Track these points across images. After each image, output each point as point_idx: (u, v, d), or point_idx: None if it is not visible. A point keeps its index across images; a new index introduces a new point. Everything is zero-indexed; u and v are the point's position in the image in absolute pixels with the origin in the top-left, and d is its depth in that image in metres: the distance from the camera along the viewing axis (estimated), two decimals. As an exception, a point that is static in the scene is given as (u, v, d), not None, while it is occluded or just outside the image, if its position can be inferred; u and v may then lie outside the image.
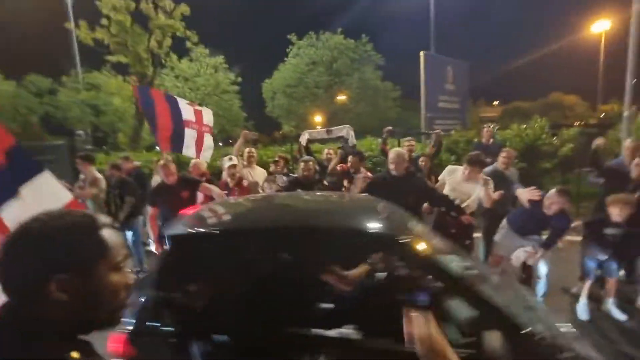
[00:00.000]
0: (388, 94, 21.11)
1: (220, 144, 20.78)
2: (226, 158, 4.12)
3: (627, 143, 4.13)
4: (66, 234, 0.69)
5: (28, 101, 16.31)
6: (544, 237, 3.27)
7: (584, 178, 6.82)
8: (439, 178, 3.81)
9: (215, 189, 3.60)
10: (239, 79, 17.73)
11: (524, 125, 8.07)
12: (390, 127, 5.37)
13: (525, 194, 3.17)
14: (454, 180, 3.61)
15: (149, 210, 3.84)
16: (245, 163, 4.42)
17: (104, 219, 0.76)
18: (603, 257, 3.16)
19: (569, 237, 3.79)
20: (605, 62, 20.21)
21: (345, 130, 5.12)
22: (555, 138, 7.64)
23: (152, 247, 3.90)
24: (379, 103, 20.81)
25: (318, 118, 22.01)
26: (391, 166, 3.25)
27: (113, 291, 0.74)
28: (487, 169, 4.06)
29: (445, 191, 3.57)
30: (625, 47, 6.89)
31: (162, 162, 3.77)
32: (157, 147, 18.98)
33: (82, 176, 4.76)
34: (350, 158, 4.23)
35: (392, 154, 3.31)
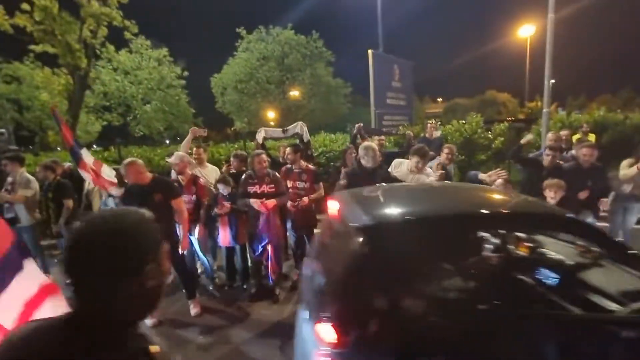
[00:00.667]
0: (339, 91, 21.52)
1: (168, 142, 19.69)
2: (174, 156, 3.96)
3: (550, 136, 4.71)
4: (144, 228, 0.75)
5: None
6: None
7: (513, 167, 7.63)
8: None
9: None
10: (186, 73, 16.86)
11: (463, 121, 8.79)
12: (360, 124, 5.63)
13: (492, 176, 3.46)
14: (401, 172, 3.82)
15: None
16: (194, 162, 4.30)
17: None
18: None
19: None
20: (531, 63, 22.45)
21: (299, 127, 5.18)
22: (489, 132, 8.44)
23: None
24: (331, 99, 21.14)
25: (271, 114, 21.77)
26: (364, 159, 3.41)
27: (167, 276, 0.81)
28: (432, 162, 4.38)
29: None
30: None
31: (129, 160, 3.37)
32: (95, 146, 17.29)
33: (9, 179, 4.28)
34: (286, 150, 4.28)
35: (364, 147, 3.47)
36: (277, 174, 3.80)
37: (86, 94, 13.12)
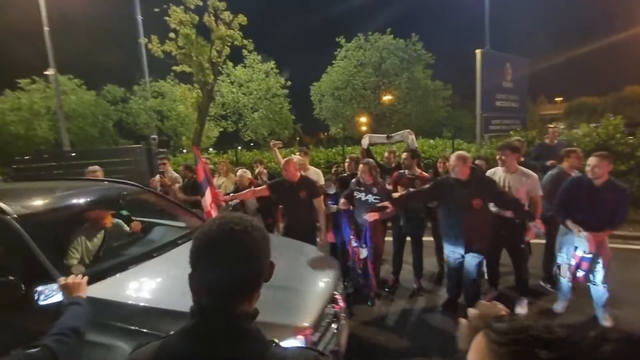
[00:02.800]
0: (438, 93, 20.48)
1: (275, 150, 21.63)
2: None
3: None
4: (263, 231, 0.83)
5: (105, 109, 18.43)
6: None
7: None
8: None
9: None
10: (289, 83, 18.36)
11: (595, 124, 7.46)
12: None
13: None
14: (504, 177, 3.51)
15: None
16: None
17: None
18: None
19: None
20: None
21: (405, 134, 5.14)
22: (631, 138, 6.96)
23: None
24: (428, 103, 20.27)
25: (364, 119, 22.00)
26: (455, 170, 3.24)
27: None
28: (552, 171, 3.90)
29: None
30: None
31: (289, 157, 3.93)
32: (211, 149, 19.90)
33: (158, 176, 5.48)
34: (403, 156, 4.21)
35: (454, 157, 3.31)
36: (387, 186, 3.86)
37: (210, 104, 15.43)
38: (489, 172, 3.69)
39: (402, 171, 4.10)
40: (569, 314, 3.32)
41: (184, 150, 18.39)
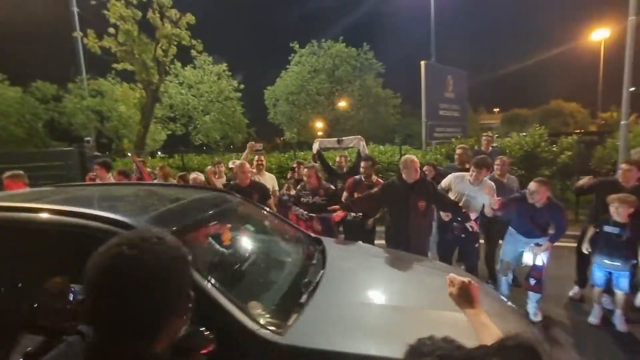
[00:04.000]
0: (389, 101, 21.35)
1: (222, 150, 21.01)
2: (231, 163, 4.31)
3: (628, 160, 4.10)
4: (173, 255, 0.69)
5: (33, 107, 16.55)
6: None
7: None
8: (443, 184, 3.90)
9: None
10: (242, 86, 17.98)
11: (524, 134, 8.20)
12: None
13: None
14: (462, 185, 3.72)
15: None
16: (254, 170, 4.61)
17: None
18: (613, 263, 3.21)
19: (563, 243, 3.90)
20: (604, 69, 20.43)
21: (356, 141, 5.19)
22: (554, 146, 7.77)
23: None
24: (380, 110, 21.04)
25: (319, 125, 22.24)
26: (404, 172, 3.34)
27: None
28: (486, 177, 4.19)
29: (453, 197, 3.68)
30: (623, 55, 7.02)
31: (237, 162, 3.87)
32: (159, 153, 18.90)
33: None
34: (362, 164, 4.24)
35: (403, 160, 3.41)
36: (332, 187, 3.87)
37: (155, 106, 14.57)
38: (455, 178, 3.85)
39: (357, 177, 4.11)
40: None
41: (129, 154, 17.15)
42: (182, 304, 0.71)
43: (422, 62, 8.98)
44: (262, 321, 1.50)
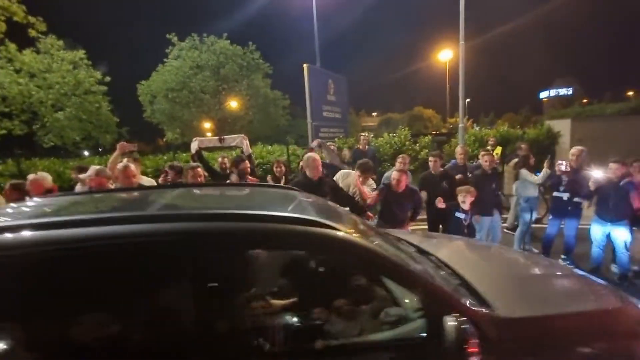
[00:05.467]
0: (278, 102, 21.54)
1: (86, 153, 17.60)
2: (90, 169, 3.55)
3: (458, 149, 5.40)
4: None
5: None
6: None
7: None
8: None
9: None
10: (107, 79, 15.39)
11: (393, 134, 9.41)
12: (318, 139, 5.75)
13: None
14: (348, 180, 4.07)
15: None
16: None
17: None
18: None
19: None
20: (450, 83, 25.20)
21: (239, 140, 5.02)
22: (416, 144, 9.15)
23: None
24: (269, 111, 21.04)
25: (207, 125, 20.91)
26: (307, 170, 3.51)
27: None
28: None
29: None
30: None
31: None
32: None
33: None
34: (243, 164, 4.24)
35: (306, 158, 3.57)
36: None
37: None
38: (342, 175, 4.24)
39: (228, 182, 4.03)
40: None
41: None
42: None
43: (305, 65, 9.30)
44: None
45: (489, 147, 7.04)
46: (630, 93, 39.14)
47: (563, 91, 66.53)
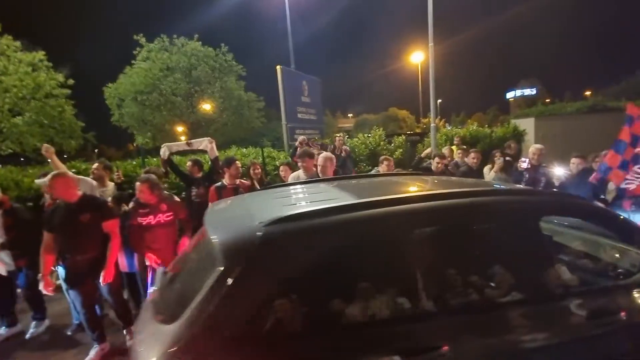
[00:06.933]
0: (252, 104, 21.29)
1: (49, 160, 16.62)
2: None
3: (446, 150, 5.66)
4: None
5: None
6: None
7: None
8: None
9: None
10: (70, 81, 14.64)
11: (368, 135, 9.52)
12: (303, 137, 5.65)
13: None
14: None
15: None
16: (95, 183, 3.83)
17: None
18: None
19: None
20: (423, 84, 25.90)
21: (205, 143, 4.90)
22: (391, 144, 9.30)
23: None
24: (244, 113, 20.74)
25: (179, 128, 20.32)
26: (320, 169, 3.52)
27: None
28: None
29: None
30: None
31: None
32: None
33: None
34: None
35: (323, 159, 3.55)
36: (175, 197, 3.47)
37: None
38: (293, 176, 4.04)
39: (219, 184, 3.87)
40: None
41: None
42: None
43: (278, 67, 9.23)
44: None
45: (453, 146, 7.32)
46: (588, 93, 41.82)
47: (527, 91, 69.85)
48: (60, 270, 3.02)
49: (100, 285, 2.91)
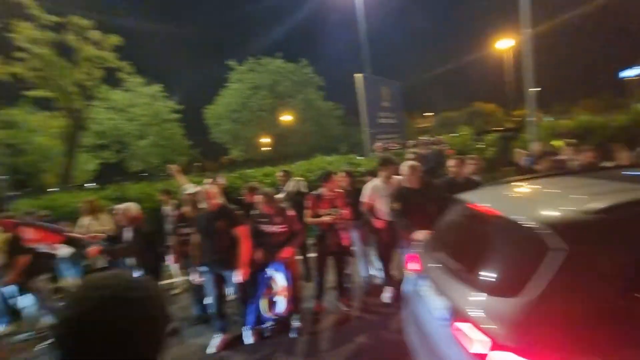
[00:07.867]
0: (331, 113, 21.99)
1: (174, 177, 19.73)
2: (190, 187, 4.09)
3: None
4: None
5: None
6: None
7: (509, 176, 7.77)
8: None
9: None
10: (181, 107, 17.27)
11: (453, 134, 9.01)
12: (380, 144, 5.43)
13: None
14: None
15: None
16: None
17: None
18: None
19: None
20: (515, 73, 23.31)
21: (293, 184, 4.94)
22: (482, 143, 8.64)
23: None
24: (323, 122, 21.57)
25: (266, 140, 22.11)
26: (406, 179, 3.47)
27: None
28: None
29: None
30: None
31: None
32: (91, 184, 17.17)
33: None
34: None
35: (407, 167, 3.46)
36: (286, 210, 3.60)
37: (82, 133, 13.32)
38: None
39: (317, 192, 3.85)
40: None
41: (52, 190, 15.33)
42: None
43: (357, 75, 9.42)
44: None
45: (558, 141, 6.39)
46: None
47: (653, 67, 57.17)
48: (200, 269, 3.57)
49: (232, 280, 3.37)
